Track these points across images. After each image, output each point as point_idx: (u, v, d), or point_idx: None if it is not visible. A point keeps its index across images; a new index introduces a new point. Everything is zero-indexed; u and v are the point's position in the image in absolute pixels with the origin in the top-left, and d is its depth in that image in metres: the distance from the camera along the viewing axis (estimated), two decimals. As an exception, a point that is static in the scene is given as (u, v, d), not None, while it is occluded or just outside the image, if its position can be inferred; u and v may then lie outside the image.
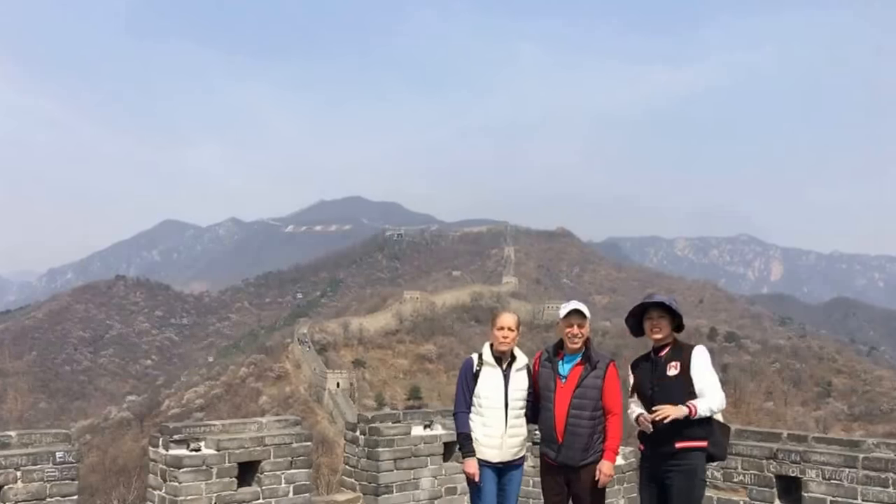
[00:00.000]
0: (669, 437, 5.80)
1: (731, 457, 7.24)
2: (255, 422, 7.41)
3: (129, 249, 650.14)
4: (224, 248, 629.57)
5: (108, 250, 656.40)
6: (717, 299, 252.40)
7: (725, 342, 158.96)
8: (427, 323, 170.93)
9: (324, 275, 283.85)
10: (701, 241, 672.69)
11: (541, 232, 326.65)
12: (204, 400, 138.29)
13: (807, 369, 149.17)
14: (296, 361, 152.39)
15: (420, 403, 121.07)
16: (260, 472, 7.13)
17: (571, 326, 6.08)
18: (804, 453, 6.88)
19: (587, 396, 6.01)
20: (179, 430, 6.87)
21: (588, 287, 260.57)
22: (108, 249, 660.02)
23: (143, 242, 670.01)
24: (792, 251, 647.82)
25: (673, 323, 6.03)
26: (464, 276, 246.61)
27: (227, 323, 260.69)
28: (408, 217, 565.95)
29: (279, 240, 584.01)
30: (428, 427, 8.39)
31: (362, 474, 8.15)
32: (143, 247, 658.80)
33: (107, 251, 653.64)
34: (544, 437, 6.20)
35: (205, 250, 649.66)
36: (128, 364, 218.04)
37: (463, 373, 6.38)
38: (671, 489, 5.79)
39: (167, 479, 6.77)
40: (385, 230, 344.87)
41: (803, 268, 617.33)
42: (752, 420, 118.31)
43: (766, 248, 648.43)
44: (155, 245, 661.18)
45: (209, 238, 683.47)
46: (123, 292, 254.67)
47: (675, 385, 5.83)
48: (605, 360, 6.16)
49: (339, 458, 74.55)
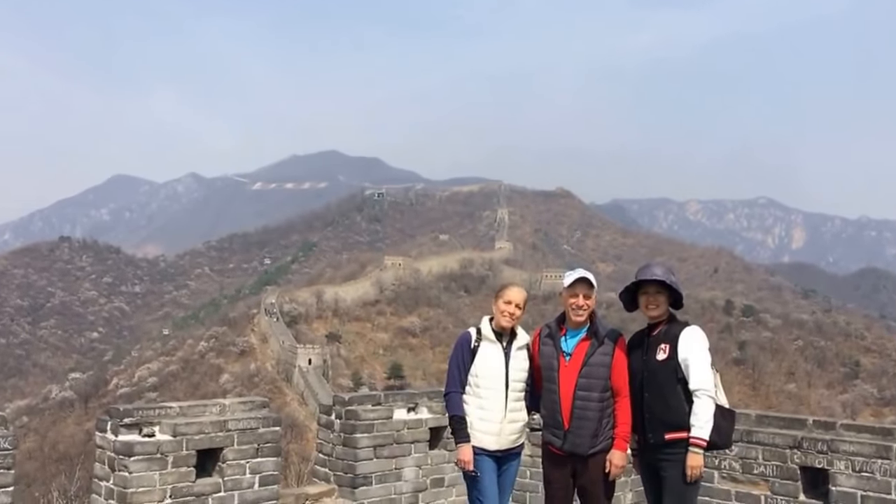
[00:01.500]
0: (658, 427, 5.85)
1: (751, 446, 7.25)
2: (217, 404, 7.35)
3: (74, 208, 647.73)
4: (182, 207, 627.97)
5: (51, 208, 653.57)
6: (734, 269, 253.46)
7: (742, 316, 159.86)
8: (410, 293, 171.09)
9: (295, 238, 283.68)
10: (716, 205, 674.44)
11: (538, 192, 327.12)
12: (157, 378, 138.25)
13: (832, 347, 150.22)
14: (262, 335, 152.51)
15: (402, 383, 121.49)
16: (222, 462, 7.08)
17: (577, 297, 6.01)
18: (832, 442, 6.89)
19: (595, 376, 5.95)
20: (131, 412, 6.80)
21: (591, 254, 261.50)
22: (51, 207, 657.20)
23: (90, 200, 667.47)
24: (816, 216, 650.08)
25: (671, 298, 6.01)
26: (452, 240, 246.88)
27: (185, 291, 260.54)
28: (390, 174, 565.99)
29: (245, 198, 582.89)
30: (412, 410, 8.36)
31: (337, 463, 8.12)
32: (91, 205, 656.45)
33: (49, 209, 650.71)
34: (548, 423, 6.13)
35: (160, 209, 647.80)
36: (71, 337, 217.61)
37: (459, 348, 6.31)
38: (664, 482, 5.84)
39: (116, 469, 6.71)
40: (364, 189, 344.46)
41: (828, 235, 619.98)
42: (772, 404, 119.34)
43: (787, 212, 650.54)
44: (104, 203, 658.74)
45: (165, 195, 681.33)
46: (67, 256, 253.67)
47: (663, 372, 5.84)
48: (614, 334, 6.12)
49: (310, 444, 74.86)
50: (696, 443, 5.69)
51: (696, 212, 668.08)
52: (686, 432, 5.74)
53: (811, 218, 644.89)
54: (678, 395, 5.79)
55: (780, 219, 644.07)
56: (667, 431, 5.80)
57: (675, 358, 5.81)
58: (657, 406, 5.84)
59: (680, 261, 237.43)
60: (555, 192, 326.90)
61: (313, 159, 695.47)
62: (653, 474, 5.98)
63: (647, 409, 5.88)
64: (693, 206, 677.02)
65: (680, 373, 5.79)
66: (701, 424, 5.70)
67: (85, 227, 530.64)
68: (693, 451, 5.70)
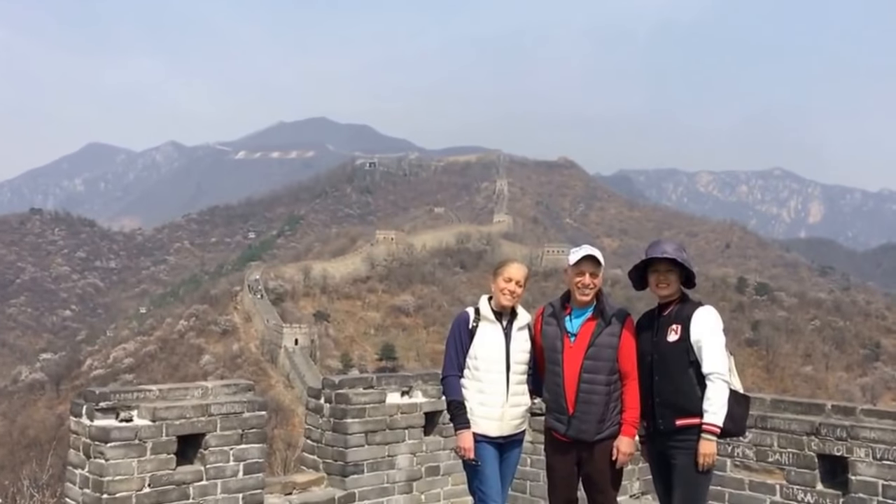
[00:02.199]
0: (669, 413, 5.84)
1: (766, 432, 7.26)
2: (199, 387, 7.33)
3: (46, 178, 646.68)
4: (161, 177, 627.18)
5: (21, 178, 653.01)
6: (747, 244, 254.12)
7: (756, 295, 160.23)
8: (403, 269, 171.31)
9: (281, 210, 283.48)
10: (728, 176, 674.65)
11: (539, 162, 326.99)
12: (134, 359, 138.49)
13: (851, 328, 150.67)
14: (246, 313, 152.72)
15: (394, 365, 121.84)
16: (204, 448, 7.08)
17: (583, 275, 5.98)
18: (851, 429, 6.89)
19: (601, 357, 5.94)
20: (107, 396, 6.79)
21: (595, 228, 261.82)
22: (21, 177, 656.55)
23: (63, 169, 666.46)
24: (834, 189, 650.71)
25: (682, 276, 5.99)
26: (448, 213, 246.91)
27: (164, 266, 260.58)
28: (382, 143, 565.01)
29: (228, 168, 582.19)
30: (406, 394, 8.35)
31: (327, 450, 8.12)
32: (64, 174, 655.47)
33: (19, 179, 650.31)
34: (551, 408, 6.11)
35: (138, 179, 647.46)
36: (42, 315, 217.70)
37: (457, 329, 6.28)
38: (674, 470, 5.84)
39: (91, 456, 6.70)
40: (355, 158, 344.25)
41: (848, 208, 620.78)
42: (787, 388, 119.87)
43: (803, 184, 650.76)
44: (78, 173, 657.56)
45: (143, 165, 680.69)
46: (38, 229, 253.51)
47: (674, 353, 5.83)
48: (621, 314, 6.10)
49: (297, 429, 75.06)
50: (708, 429, 5.68)
51: (708, 183, 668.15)
52: (698, 418, 5.73)
53: (829, 190, 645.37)
54: (690, 378, 5.78)
55: (797, 191, 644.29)
56: (677, 417, 5.78)
57: (688, 339, 5.80)
58: (667, 390, 5.83)
59: (690, 236, 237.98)
60: (557, 162, 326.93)
61: (300, 126, 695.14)
62: (662, 462, 5.97)
63: (657, 393, 5.87)
64: (704, 178, 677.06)
65: (692, 355, 5.78)
66: (714, 410, 5.68)
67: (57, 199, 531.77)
68: (706, 438, 5.68)
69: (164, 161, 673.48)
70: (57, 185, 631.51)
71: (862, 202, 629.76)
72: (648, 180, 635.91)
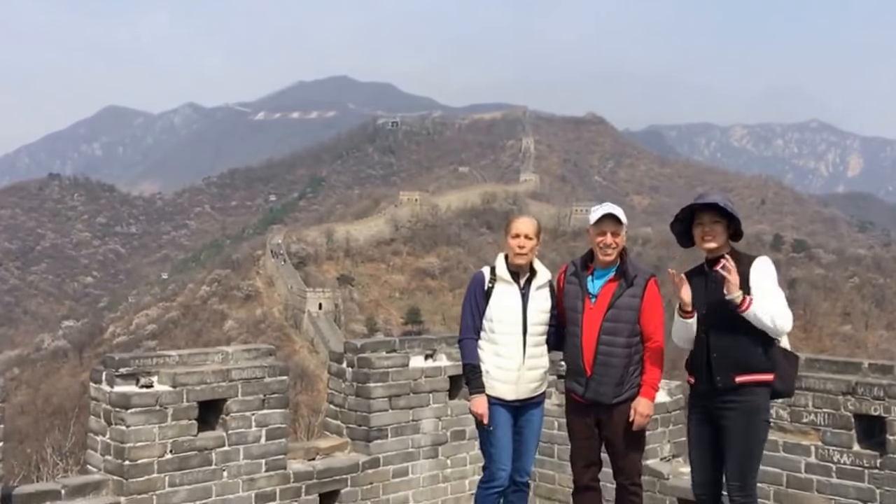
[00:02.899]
0: (727, 369, 5.72)
1: (801, 392, 7.23)
2: (220, 352, 7.38)
3: (64, 142, 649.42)
4: (180, 140, 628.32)
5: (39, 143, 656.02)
6: (783, 200, 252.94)
7: (793, 252, 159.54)
8: (428, 231, 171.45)
9: (302, 172, 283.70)
10: (763, 129, 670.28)
11: (567, 119, 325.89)
12: (157, 326, 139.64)
13: (892, 285, 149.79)
14: (268, 278, 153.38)
15: (420, 328, 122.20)
16: (225, 414, 7.13)
17: (604, 235, 5.97)
18: (889, 388, 6.85)
19: (621, 319, 5.93)
20: (127, 362, 6.84)
21: (625, 185, 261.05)
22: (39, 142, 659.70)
23: (81, 134, 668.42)
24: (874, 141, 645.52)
25: (730, 229, 5.90)
26: (473, 172, 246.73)
27: (185, 231, 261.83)
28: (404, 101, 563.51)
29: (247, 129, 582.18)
30: (430, 357, 8.37)
31: (350, 415, 8.17)
32: (82, 139, 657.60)
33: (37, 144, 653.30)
34: (570, 370, 6.14)
35: (157, 143, 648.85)
36: (64, 282, 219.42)
37: (471, 290, 6.29)
38: (727, 431, 5.73)
39: (112, 422, 6.77)
40: (377, 117, 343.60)
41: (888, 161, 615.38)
42: (825, 347, 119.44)
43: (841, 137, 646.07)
44: (96, 137, 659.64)
45: (162, 128, 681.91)
46: (58, 194, 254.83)
47: (730, 307, 5.72)
48: (645, 274, 6.07)
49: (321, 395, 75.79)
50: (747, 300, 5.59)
51: (742, 137, 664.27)
52: (759, 374, 5.66)
53: (869, 142, 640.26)
54: (749, 333, 5.67)
55: (834, 144, 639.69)
56: (737, 373, 5.67)
57: (748, 292, 5.68)
58: (724, 346, 5.71)
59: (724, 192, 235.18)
60: (585, 118, 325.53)
61: (321, 86, 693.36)
62: (708, 424, 5.87)
63: (714, 349, 5.75)
64: (738, 132, 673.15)
65: None
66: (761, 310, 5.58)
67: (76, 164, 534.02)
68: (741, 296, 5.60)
69: (183, 123, 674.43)
70: (75, 150, 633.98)
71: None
72: (680, 135, 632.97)
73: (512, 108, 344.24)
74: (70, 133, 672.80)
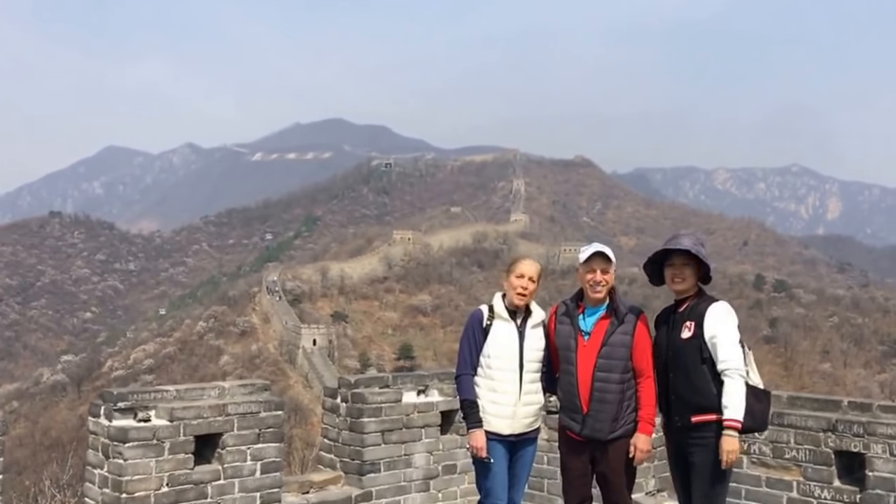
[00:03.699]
0: (684, 410, 5.81)
1: (783, 429, 7.24)
2: (216, 387, 7.37)
3: (65, 181, 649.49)
4: (179, 180, 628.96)
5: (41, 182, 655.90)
6: (765, 241, 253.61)
7: (774, 292, 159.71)
8: (421, 269, 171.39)
9: (298, 211, 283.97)
10: (745, 173, 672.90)
11: (556, 161, 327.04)
12: (154, 360, 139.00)
13: (870, 324, 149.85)
14: (264, 314, 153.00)
15: (412, 364, 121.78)
16: (221, 448, 7.11)
17: (594, 273, 6.00)
18: (868, 425, 6.87)
19: (615, 356, 5.95)
20: (125, 396, 6.83)
21: (612, 226, 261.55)
22: (41, 181, 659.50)
23: (82, 172, 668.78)
24: (852, 185, 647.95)
25: (699, 271, 5.96)
26: (464, 213, 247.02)
27: (182, 268, 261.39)
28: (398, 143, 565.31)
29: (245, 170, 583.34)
30: (422, 393, 8.37)
31: (344, 449, 8.15)
32: (83, 177, 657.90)
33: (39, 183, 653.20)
34: (565, 407, 6.13)
35: (156, 182, 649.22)
36: (63, 317, 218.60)
37: (470, 327, 6.30)
38: (693, 466, 5.81)
39: (110, 456, 6.74)
40: (371, 159, 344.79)
41: (866, 204, 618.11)
42: (805, 384, 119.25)
43: (822, 180, 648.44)
44: (96, 175, 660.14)
45: (161, 167, 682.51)
46: (58, 232, 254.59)
47: (688, 350, 5.79)
48: (634, 312, 6.11)
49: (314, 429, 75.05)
50: (730, 425, 5.62)
51: (725, 181, 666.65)
52: (713, 415, 5.71)
53: (848, 186, 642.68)
54: (704, 375, 5.74)
55: (815, 188, 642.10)
56: (693, 414, 5.75)
57: (701, 336, 5.76)
58: (683, 387, 5.80)
59: (707, 233, 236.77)
60: (574, 160, 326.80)
61: (317, 128, 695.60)
62: (680, 458, 5.96)
63: (673, 390, 5.86)
64: (721, 175, 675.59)
65: (706, 352, 5.75)
66: (734, 405, 5.63)
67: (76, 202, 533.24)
68: (728, 434, 5.62)
69: (182, 163, 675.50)
70: (76, 189, 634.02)
71: (880, 198, 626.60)
72: (665, 178, 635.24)
73: (503, 150, 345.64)
74: (71, 172, 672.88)
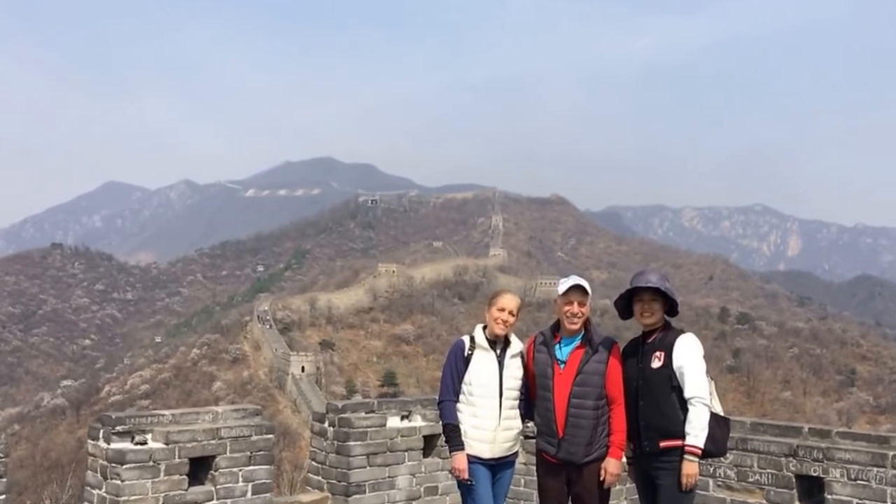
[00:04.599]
0: (653, 435, 5.86)
1: (747, 454, 7.26)
2: (210, 411, 7.34)
3: (66, 214, 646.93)
4: (175, 214, 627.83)
5: (43, 215, 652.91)
6: (729, 276, 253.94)
7: (738, 324, 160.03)
8: (404, 300, 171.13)
9: (288, 245, 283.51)
10: (711, 212, 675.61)
11: (533, 199, 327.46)
12: (150, 386, 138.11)
13: (828, 355, 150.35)
14: (255, 342, 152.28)
15: (395, 391, 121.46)
16: (214, 469, 7.08)
17: (571, 304, 6.03)
18: (827, 450, 6.89)
19: (589, 384, 5.97)
20: (123, 420, 6.80)
21: (585, 261, 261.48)
22: (43, 214, 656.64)
23: (82, 207, 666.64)
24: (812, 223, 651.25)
25: (666, 306, 6.02)
26: (446, 247, 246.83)
27: (178, 298, 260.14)
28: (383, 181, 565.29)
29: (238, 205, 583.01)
30: (406, 418, 8.35)
31: (331, 471, 8.12)
32: (83, 211, 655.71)
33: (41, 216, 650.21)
34: (542, 431, 6.14)
35: (153, 216, 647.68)
36: (63, 344, 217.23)
37: (452, 356, 6.32)
38: (660, 489, 5.85)
39: (108, 477, 6.70)
40: (358, 195, 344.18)
41: (824, 242, 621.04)
42: (767, 411, 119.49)
43: (782, 219, 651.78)
44: (96, 210, 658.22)
45: (158, 202, 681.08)
46: (59, 263, 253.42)
47: (657, 379, 5.86)
48: (608, 342, 6.13)
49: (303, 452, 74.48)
50: (691, 451, 5.70)
51: (692, 219, 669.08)
52: (681, 440, 5.75)
53: (807, 225, 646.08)
54: (673, 403, 5.81)
55: (776, 226, 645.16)
56: (661, 439, 5.81)
57: (670, 366, 5.83)
58: (652, 414, 5.85)
59: (675, 268, 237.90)
60: (549, 199, 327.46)
61: (306, 166, 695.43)
62: (648, 482, 5.99)
63: (643, 417, 5.89)
64: (688, 213, 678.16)
65: (675, 381, 5.81)
66: (696, 432, 5.71)
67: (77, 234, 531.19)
68: (688, 459, 5.70)
69: (178, 199, 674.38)
70: (76, 222, 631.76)
71: (838, 236, 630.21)
72: (636, 216, 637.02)
73: (483, 188, 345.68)
74: (72, 206, 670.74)
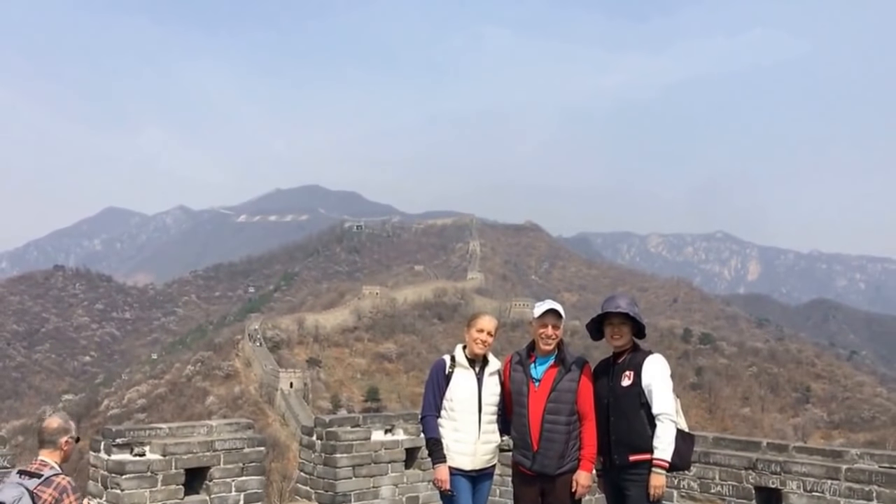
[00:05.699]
0: (623, 449, 5.92)
1: (709, 466, 7.28)
2: (205, 425, 7.32)
3: (68, 238, 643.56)
4: (171, 238, 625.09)
5: (46, 239, 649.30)
6: (692, 299, 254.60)
7: (700, 344, 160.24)
8: (387, 320, 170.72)
9: (278, 267, 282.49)
10: (675, 238, 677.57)
11: (508, 226, 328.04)
12: (146, 400, 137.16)
13: (785, 374, 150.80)
14: (246, 359, 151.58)
15: (378, 406, 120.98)
16: (209, 480, 7.05)
17: (546, 327, 6.07)
18: (785, 464, 6.92)
19: (562, 401, 6.01)
20: (123, 433, 6.77)
21: (557, 284, 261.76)
22: (46, 238, 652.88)
23: (84, 231, 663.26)
24: (770, 250, 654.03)
25: (634, 328, 6.07)
26: (426, 270, 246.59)
27: (173, 317, 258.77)
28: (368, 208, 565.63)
29: (230, 230, 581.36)
30: (389, 432, 8.35)
31: (318, 482, 8.10)
32: (84, 235, 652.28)
33: (44, 240, 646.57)
34: (517, 445, 6.18)
35: (150, 240, 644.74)
36: (65, 361, 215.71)
37: (434, 374, 6.36)
38: (628, 500, 5.89)
39: (108, 486, 6.67)
40: (344, 221, 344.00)
41: (781, 267, 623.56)
42: (727, 427, 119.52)
43: (742, 246, 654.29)
44: (97, 234, 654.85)
45: (155, 227, 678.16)
46: (61, 284, 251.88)
47: (627, 397, 5.92)
48: (580, 361, 6.17)
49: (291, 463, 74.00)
50: (658, 464, 5.75)
51: (658, 245, 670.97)
52: (649, 454, 5.79)
53: (766, 251, 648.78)
54: (642, 419, 5.86)
55: (736, 252, 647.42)
56: (631, 453, 5.86)
57: (639, 384, 5.88)
58: (622, 429, 5.90)
59: (641, 291, 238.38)
60: (524, 225, 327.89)
61: (295, 193, 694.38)
62: (617, 494, 6.02)
63: (613, 432, 5.94)
64: (654, 240, 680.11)
65: (643, 398, 5.86)
66: (663, 447, 5.75)
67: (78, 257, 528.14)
68: (656, 471, 5.75)
69: (174, 223, 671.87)
70: (78, 245, 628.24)
71: (794, 262, 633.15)
72: (605, 242, 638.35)
73: (461, 215, 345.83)
74: (74, 230, 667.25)
